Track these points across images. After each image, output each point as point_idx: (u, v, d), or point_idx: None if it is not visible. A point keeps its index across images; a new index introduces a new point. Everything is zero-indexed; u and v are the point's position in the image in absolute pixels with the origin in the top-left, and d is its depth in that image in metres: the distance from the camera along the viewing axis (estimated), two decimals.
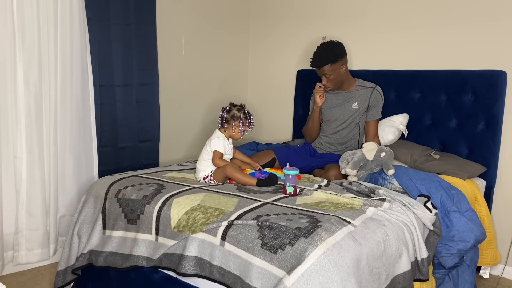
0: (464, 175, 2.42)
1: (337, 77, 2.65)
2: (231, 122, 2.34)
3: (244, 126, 2.37)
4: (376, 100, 2.69)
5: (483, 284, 2.58)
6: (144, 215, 1.95)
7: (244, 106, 2.40)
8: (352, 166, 2.33)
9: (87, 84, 2.61)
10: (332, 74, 2.62)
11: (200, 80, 3.39)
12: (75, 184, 2.64)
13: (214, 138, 2.35)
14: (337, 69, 2.62)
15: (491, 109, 2.57)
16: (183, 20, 3.20)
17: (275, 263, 1.54)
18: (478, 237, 2.07)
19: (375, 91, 2.71)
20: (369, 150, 2.37)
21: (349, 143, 2.75)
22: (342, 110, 2.73)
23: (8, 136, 2.37)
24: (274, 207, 1.83)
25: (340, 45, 2.67)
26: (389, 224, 1.75)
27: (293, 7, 3.49)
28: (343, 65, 2.65)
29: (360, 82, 2.76)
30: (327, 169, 2.52)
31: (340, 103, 2.74)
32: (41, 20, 2.37)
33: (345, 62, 2.66)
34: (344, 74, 2.67)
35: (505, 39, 2.57)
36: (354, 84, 2.75)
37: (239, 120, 2.34)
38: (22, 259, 2.50)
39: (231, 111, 2.35)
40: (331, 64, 2.59)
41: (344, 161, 2.43)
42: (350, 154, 2.43)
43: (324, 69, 2.62)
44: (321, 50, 2.64)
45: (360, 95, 2.71)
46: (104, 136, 2.75)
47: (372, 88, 2.71)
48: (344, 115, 2.73)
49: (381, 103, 2.72)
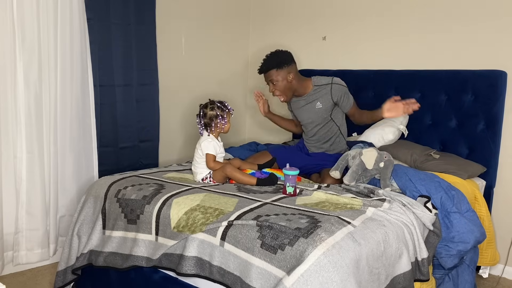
0: (464, 175, 2.42)
1: (285, 85, 2.59)
2: (212, 124, 2.31)
3: (228, 117, 2.34)
4: (339, 93, 2.59)
5: (483, 284, 2.58)
6: (144, 215, 1.95)
7: (213, 101, 2.35)
8: (350, 178, 2.27)
9: (87, 84, 2.62)
10: (278, 80, 2.57)
11: (200, 80, 3.39)
12: (75, 184, 2.65)
13: (203, 141, 2.31)
14: (283, 76, 2.56)
15: (491, 109, 2.57)
16: (183, 20, 3.20)
17: (275, 263, 1.54)
18: (478, 238, 2.07)
19: (333, 85, 2.60)
20: (368, 157, 2.29)
21: (332, 139, 2.69)
22: (308, 112, 2.68)
23: (8, 136, 2.37)
24: (274, 207, 1.83)
25: (288, 53, 2.62)
26: (389, 224, 1.75)
27: (293, 7, 3.49)
28: (290, 73, 2.57)
29: (315, 81, 2.65)
30: (323, 175, 2.50)
31: (304, 105, 2.68)
32: (41, 20, 2.37)
33: (292, 70, 2.59)
34: (293, 82, 2.60)
35: (505, 39, 2.57)
36: (310, 86, 2.66)
37: (217, 117, 2.30)
38: (22, 259, 2.50)
39: (207, 114, 2.31)
40: (276, 69, 2.55)
41: (340, 165, 2.38)
42: (349, 158, 2.36)
43: (270, 74, 2.58)
44: (268, 56, 2.61)
45: (319, 94, 2.63)
46: (104, 136, 2.75)
47: (329, 83, 2.61)
48: (313, 116, 2.67)
49: (346, 91, 2.61)
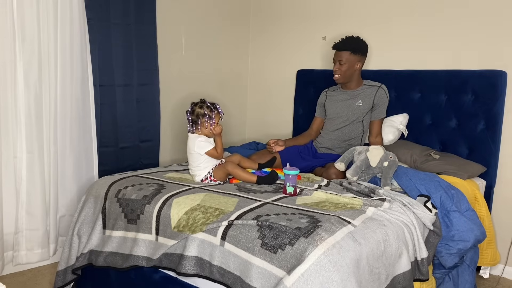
0: (464, 175, 2.42)
1: (349, 70, 2.68)
2: (198, 121, 2.29)
3: (217, 118, 2.31)
4: (380, 99, 2.71)
5: (483, 284, 2.58)
6: (144, 215, 1.95)
7: (204, 100, 2.34)
8: (353, 173, 2.30)
9: (87, 84, 2.61)
10: (346, 63, 2.66)
11: (200, 80, 3.39)
12: (75, 184, 2.64)
13: (194, 144, 2.27)
14: (352, 61, 2.67)
15: (491, 109, 2.57)
16: (183, 20, 3.20)
17: (275, 263, 1.54)
18: (478, 236, 2.07)
19: (380, 89, 2.72)
20: (374, 155, 2.32)
21: (352, 141, 2.74)
22: (346, 107, 2.75)
23: (8, 136, 2.37)
24: (274, 207, 1.83)
25: (366, 45, 2.75)
26: (389, 224, 1.75)
27: (293, 7, 3.49)
28: (359, 62, 2.70)
29: (366, 82, 2.80)
30: (328, 167, 2.52)
31: (345, 100, 2.76)
32: (41, 20, 2.37)
33: (362, 60, 2.72)
34: (356, 71, 2.72)
35: (505, 39, 2.57)
36: (361, 84, 2.78)
37: (205, 116, 2.28)
38: (22, 259, 2.49)
39: (195, 111, 2.30)
40: (351, 52, 2.65)
41: (345, 157, 2.41)
42: (355, 153, 2.40)
43: (342, 55, 2.66)
44: (348, 37, 2.70)
45: (365, 93, 2.73)
46: (104, 136, 2.75)
47: (378, 86, 2.74)
48: (348, 112, 2.74)
49: (386, 102, 2.73)
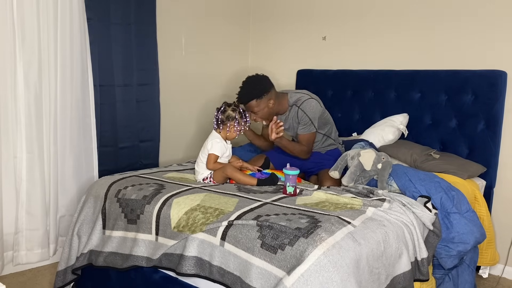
0: (464, 175, 2.42)
1: (266, 112, 2.57)
2: (227, 123, 2.31)
3: (240, 126, 2.32)
4: (301, 119, 2.58)
5: (483, 284, 2.58)
6: (144, 215, 1.95)
7: (238, 105, 2.36)
8: (348, 179, 2.27)
9: (87, 84, 2.61)
10: (259, 110, 2.54)
11: (200, 80, 3.39)
12: (75, 184, 2.64)
13: (211, 140, 2.31)
14: (263, 105, 2.54)
15: (491, 109, 2.57)
16: (183, 20, 3.20)
17: (275, 263, 1.54)
18: (478, 238, 2.07)
19: (299, 110, 2.58)
20: (366, 158, 2.29)
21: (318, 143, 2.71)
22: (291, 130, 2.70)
23: (8, 136, 2.37)
24: (274, 207, 1.83)
25: (265, 79, 2.59)
26: (389, 224, 1.75)
27: (293, 7, 3.49)
28: (270, 99, 2.55)
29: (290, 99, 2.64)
30: (322, 178, 2.51)
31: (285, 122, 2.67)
32: (41, 20, 2.37)
33: (272, 95, 2.56)
34: (273, 107, 2.58)
35: (505, 39, 2.57)
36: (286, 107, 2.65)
37: (234, 120, 2.30)
38: (22, 259, 2.50)
39: (226, 112, 2.31)
40: (256, 100, 2.51)
41: (339, 165, 2.39)
42: (348, 158, 2.37)
43: (251, 106, 2.53)
44: (246, 85, 2.56)
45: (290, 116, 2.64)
46: (104, 136, 2.75)
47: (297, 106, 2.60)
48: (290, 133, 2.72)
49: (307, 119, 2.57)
